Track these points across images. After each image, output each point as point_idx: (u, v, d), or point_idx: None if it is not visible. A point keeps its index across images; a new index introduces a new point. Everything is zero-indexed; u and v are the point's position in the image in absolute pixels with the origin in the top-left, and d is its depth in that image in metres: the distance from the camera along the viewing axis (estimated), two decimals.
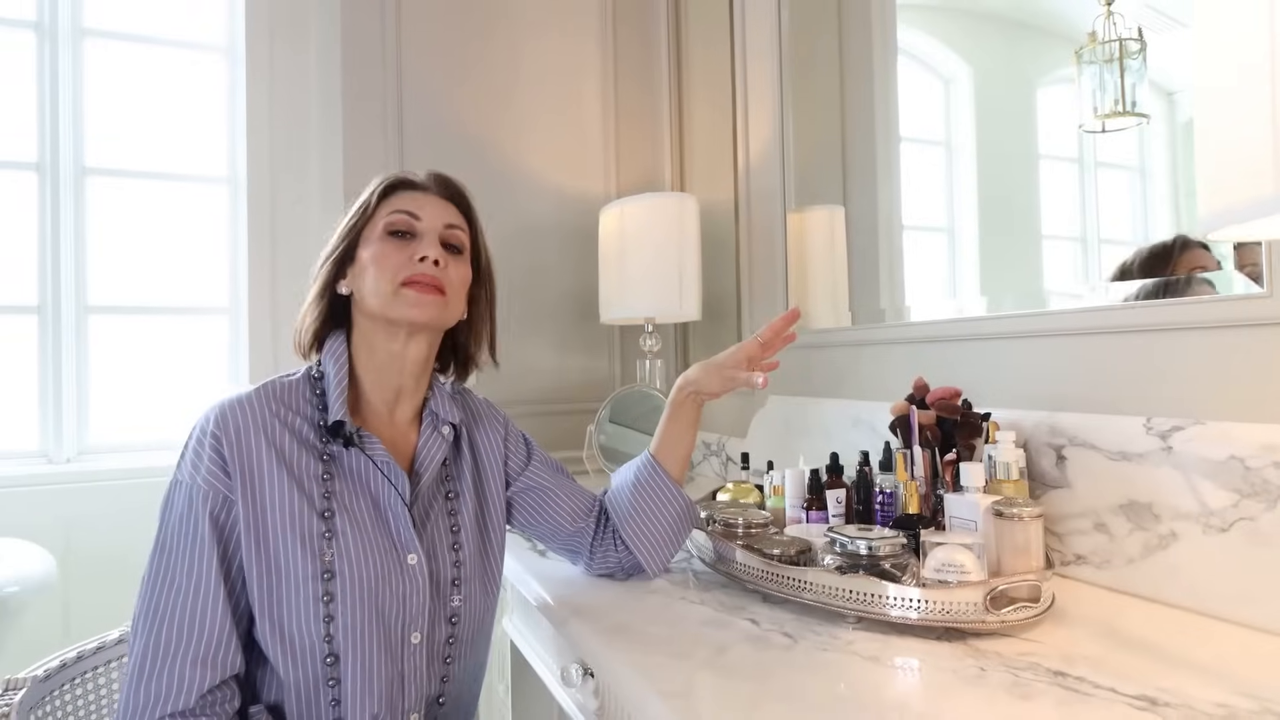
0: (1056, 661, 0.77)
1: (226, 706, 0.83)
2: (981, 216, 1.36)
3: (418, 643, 0.91)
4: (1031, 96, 1.25)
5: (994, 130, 1.34)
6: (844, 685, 0.73)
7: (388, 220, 0.94)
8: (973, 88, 1.39)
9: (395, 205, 0.96)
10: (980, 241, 1.37)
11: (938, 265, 1.47)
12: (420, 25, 2.18)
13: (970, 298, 1.36)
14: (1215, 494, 0.88)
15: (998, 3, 1.33)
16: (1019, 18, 1.28)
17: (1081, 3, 1.11)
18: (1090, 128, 1.11)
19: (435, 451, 0.97)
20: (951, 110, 1.43)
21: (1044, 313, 1.15)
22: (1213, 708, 0.66)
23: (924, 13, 1.49)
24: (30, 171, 2.37)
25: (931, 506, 1.07)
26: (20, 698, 0.94)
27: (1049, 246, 1.23)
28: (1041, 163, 1.24)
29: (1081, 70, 1.11)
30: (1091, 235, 1.15)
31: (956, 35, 1.43)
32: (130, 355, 2.47)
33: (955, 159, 1.41)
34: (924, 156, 1.50)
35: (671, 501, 1.07)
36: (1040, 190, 1.24)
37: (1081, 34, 1.10)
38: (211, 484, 0.84)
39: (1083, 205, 1.15)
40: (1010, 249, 1.31)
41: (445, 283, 0.94)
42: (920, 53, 1.48)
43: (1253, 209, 0.55)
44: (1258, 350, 0.87)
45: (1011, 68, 1.31)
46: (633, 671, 0.79)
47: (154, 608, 0.82)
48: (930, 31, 1.48)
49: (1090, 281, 1.14)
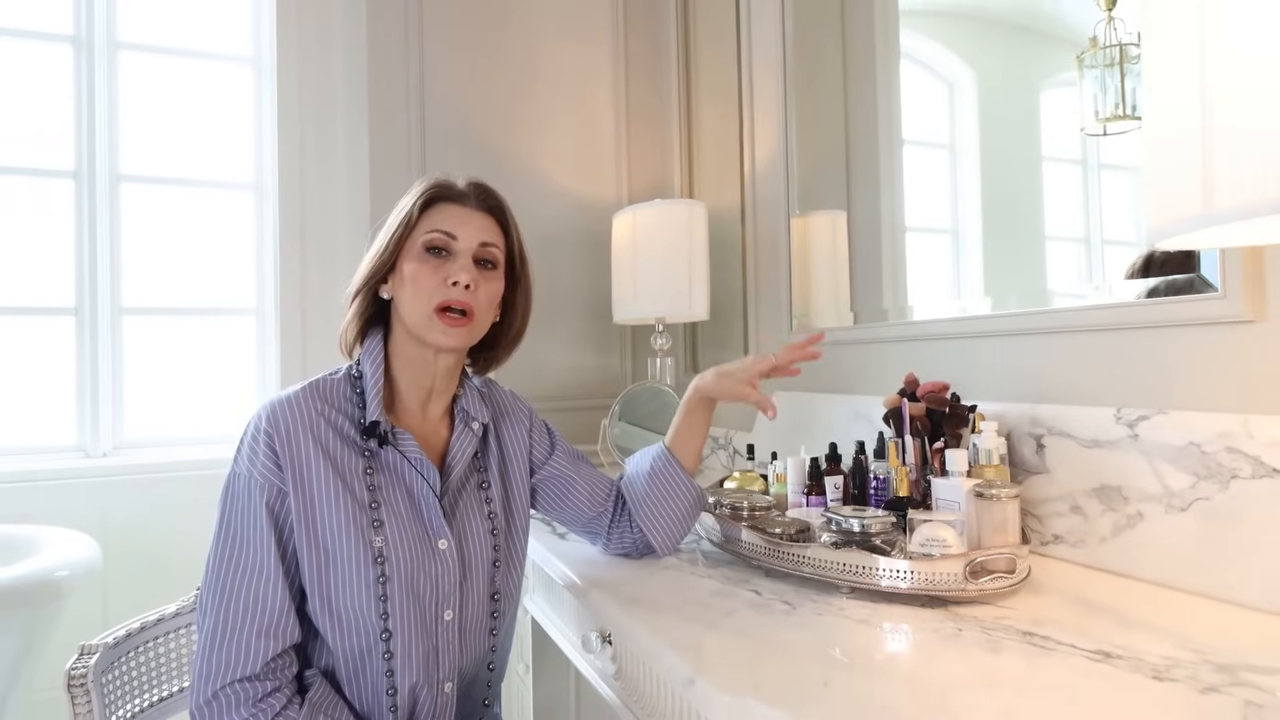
0: (1026, 624, 0.86)
1: (287, 672, 0.94)
2: (985, 218, 1.39)
3: (450, 619, 1.01)
4: (1034, 100, 1.28)
5: (997, 133, 1.38)
6: (834, 642, 0.83)
7: (427, 238, 1.02)
8: (976, 91, 1.43)
9: (435, 222, 1.03)
10: (984, 242, 1.41)
11: (942, 266, 1.51)
12: (441, 38, 2.29)
13: (974, 297, 1.40)
14: (1176, 477, 0.97)
15: (1001, 8, 1.36)
16: (1022, 22, 1.31)
17: (1083, 8, 1.15)
18: (1092, 131, 1.15)
19: (466, 447, 1.07)
20: (956, 113, 1.47)
21: (1028, 312, 1.23)
22: (1158, 659, 0.75)
23: (929, 19, 1.53)
24: (68, 179, 2.48)
25: (921, 490, 1.16)
26: (94, 661, 1.04)
27: (1052, 247, 1.27)
28: (1044, 165, 1.28)
29: (1083, 74, 1.15)
30: (1095, 236, 1.19)
31: (961, 40, 1.47)
32: (162, 354, 2.58)
33: (959, 161, 1.45)
34: (928, 159, 1.53)
35: (684, 492, 1.17)
36: (1043, 192, 1.27)
37: (1083, 38, 1.14)
38: (266, 477, 0.94)
39: (1086, 206, 1.19)
40: (1013, 249, 1.35)
41: (474, 305, 1.02)
42: (925, 57, 1.53)
43: (1182, 225, 0.65)
44: (1213, 346, 0.97)
45: (1014, 72, 1.34)
46: (648, 632, 0.89)
47: (221, 587, 0.92)
48: (935, 37, 1.52)
49: (1094, 281, 1.18)
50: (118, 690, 1.09)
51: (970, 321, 1.35)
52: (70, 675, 1.00)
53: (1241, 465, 0.90)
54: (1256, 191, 0.58)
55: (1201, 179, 0.63)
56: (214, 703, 0.89)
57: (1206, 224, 0.63)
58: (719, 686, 0.74)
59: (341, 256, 2.44)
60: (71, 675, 1.00)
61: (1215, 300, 0.95)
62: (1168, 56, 0.66)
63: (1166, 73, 0.66)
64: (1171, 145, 0.65)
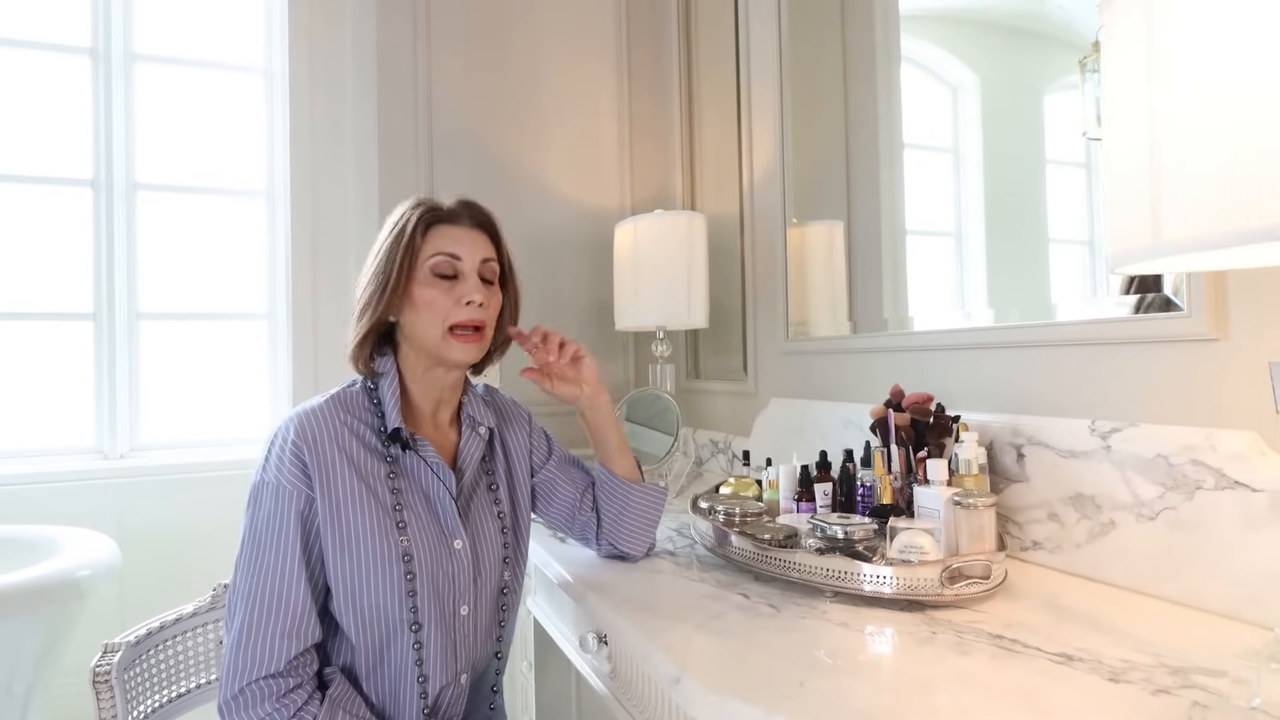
0: (997, 627, 0.91)
1: (309, 669, 1.00)
2: (988, 221, 1.41)
3: (466, 614, 1.08)
4: (1038, 104, 1.29)
5: (1000, 137, 1.39)
6: (815, 644, 0.88)
7: (433, 263, 1.07)
8: (979, 95, 1.44)
9: (437, 245, 1.07)
10: (987, 246, 1.42)
11: (945, 271, 1.52)
12: (449, 49, 2.35)
13: (976, 301, 1.42)
14: (1145, 487, 1.02)
15: (1003, 12, 1.38)
16: (1024, 27, 1.33)
17: (1085, 12, 1.16)
18: (1094, 135, 1.17)
19: (474, 450, 1.14)
20: (959, 117, 1.48)
21: (1017, 326, 1.27)
22: (1116, 662, 0.80)
23: (932, 23, 1.54)
24: (86, 188, 2.56)
25: (906, 498, 1.21)
26: (118, 659, 1.10)
27: (1055, 250, 1.28)
28: (1047, 168, 1.29)
29: (1085, 78, 1.16)
30: (1098, 239, 1.20)
31: (963, 44, 1.48)
32: (178, 358, 2.66)
33: (962, 165, 1.46)
34: (931, 163, 1.54)
35: (633, 495, 1.24)
36: (1046, 194, 1.29)
37: (1085, 42, 1.16)
38: (295, 484, 1.00)
39: (1089, 210, 1.20)
40: (1016, 253, 1.36)
41: (486, 320, 1.09)
42: (927, 62, 1.54)
43: (1135, 255, 0.69)
44: (1178, 362, 1.01)
45: (1017, 76, 1.35)
46: (639, 633, 0.94)
47: (248, 590, 0.98)
48: (938, 41, 1.53)
49: (1096, 282, 1.19)
50: (139, 686, 1.14)
51: (961, 334, 1.38)
52: (95, 672, 1.06)
53: (1205, 477, 0.94)
54: (1197, 227, 0.63)
55: (1150, 213, 0.67)
56: (240, 698, 0.95)
57: (1157, 255, 0.68)
58: (702, 684, 0.79)
59: (351, 262, 2.50)
60: (96, 672, 1.06)
61: (1182, 319, 0.99)
62: (1122, 98, 0.71)
63: (1121, 113, 0.71)
64: (1126, 181, 0.70)
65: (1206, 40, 0.62)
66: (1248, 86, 0.60)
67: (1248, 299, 0.94)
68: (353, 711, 0.99)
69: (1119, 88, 0.71)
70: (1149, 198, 0.68)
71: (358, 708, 1.00)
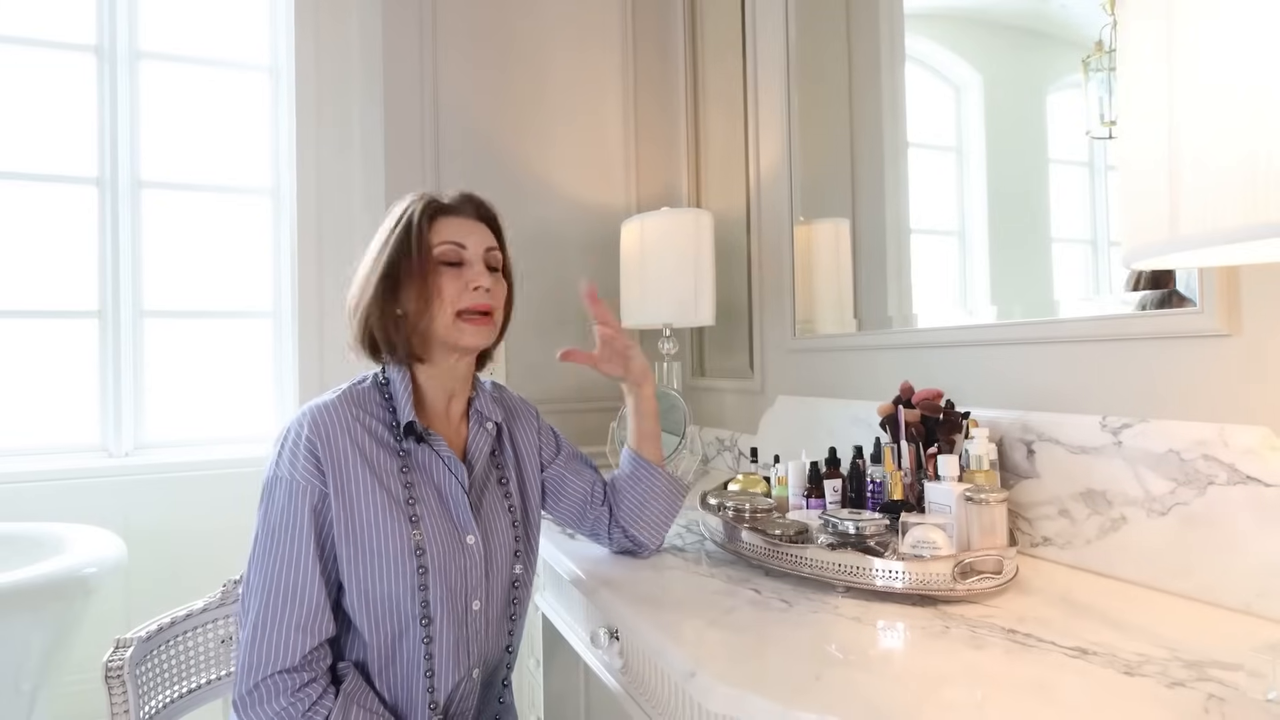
0: (1011, 622, 0.91)
1: (322, 664, 1.00)
2: (991, 219, 1.41)
3: (478, 609, 1.08)
4: (1041, 103, 1.30)
5: (1004, 135, 1.39)
6: (828, 639, 0.88)
7: (439, 251, 1.08)
8: (983, 94, 1.45)
9: (442, 235, 1.08)
10: (990, 244, 1.42)
11: (949, 269, 1.52)
12: (455, 47, 2.35)
13: (979, 299, 1.42)
14: (1157, 483, 1.02)
15: (1007, 11, 1.38)
16: (1028, 26, 1.33)
17: (1089, 11, 1.17)
18: (1098, 134, 1.17)
19: (483, 444, 1.15)
20: (963, 116, 1.49)
21: (1025, 322, 1.27)
22: (1132, 656, 0.80)
23: (936, 22, 1.55)
24: (91, 185, 2.55)
25: (916, 494, 1.21)
26: (130, 654, 1.10)
27: (1058, 249, 1.28)
28: (1051, 167, 1.29)
29: (1089, 77, 1.17)
30: (1101, 238, 1.20)
31: (967, 44, 1.49)
32: (182, 356, 2.66)
33: (966, 164, 1.47)
34: (935, 162, 1.55)
35: (659, 482, 1.25)
36: (1050, 194, 1.29)
37: (1089, 42, 1.16)
38: (309, 480, 1.00)
39: (1092, 209, 1.21)
40: (1020, 251, 1.36)
41: (494, 305, 1.10)
42: (932, 61, 1.54)
43: (1152, 249, 0.70)
44: (1191, 357, 1.01)
45: (1021, 75, 1.36)
46: (653, 627, 0.94)
47: (262, 585, 0.98)
48: (941, 41, 1.54)
49: (1100, 284, 1.19)
50: (150, 681, 1.15)
51: (968, 330, 1.39)
52: (107, 667, 1.06)
53: (1217, 472, 0.95)
54: (1216, 222, 0.63)
55: (1168, 207, 0.67)
56: (256, 692, 0.95)
57: (1173, 249, 0.68)
58: (718, 678, 0.79)
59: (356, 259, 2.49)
60: (109, 667, 1.06)
61: (1194, 315, 0.99)
62: (1141, 91, 0.71)
63: (1139, 106, 0.71)
64: (1143, 174, 0.70)
65: (1229, 36, 0.63)
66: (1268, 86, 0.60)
67: (1260, 294, 0.94)
68: (366, 706, 0.99)
69: (1137, 83, 0.71)
70: (1167, 191, 0.68)
71: (371, 702, 1.01)
